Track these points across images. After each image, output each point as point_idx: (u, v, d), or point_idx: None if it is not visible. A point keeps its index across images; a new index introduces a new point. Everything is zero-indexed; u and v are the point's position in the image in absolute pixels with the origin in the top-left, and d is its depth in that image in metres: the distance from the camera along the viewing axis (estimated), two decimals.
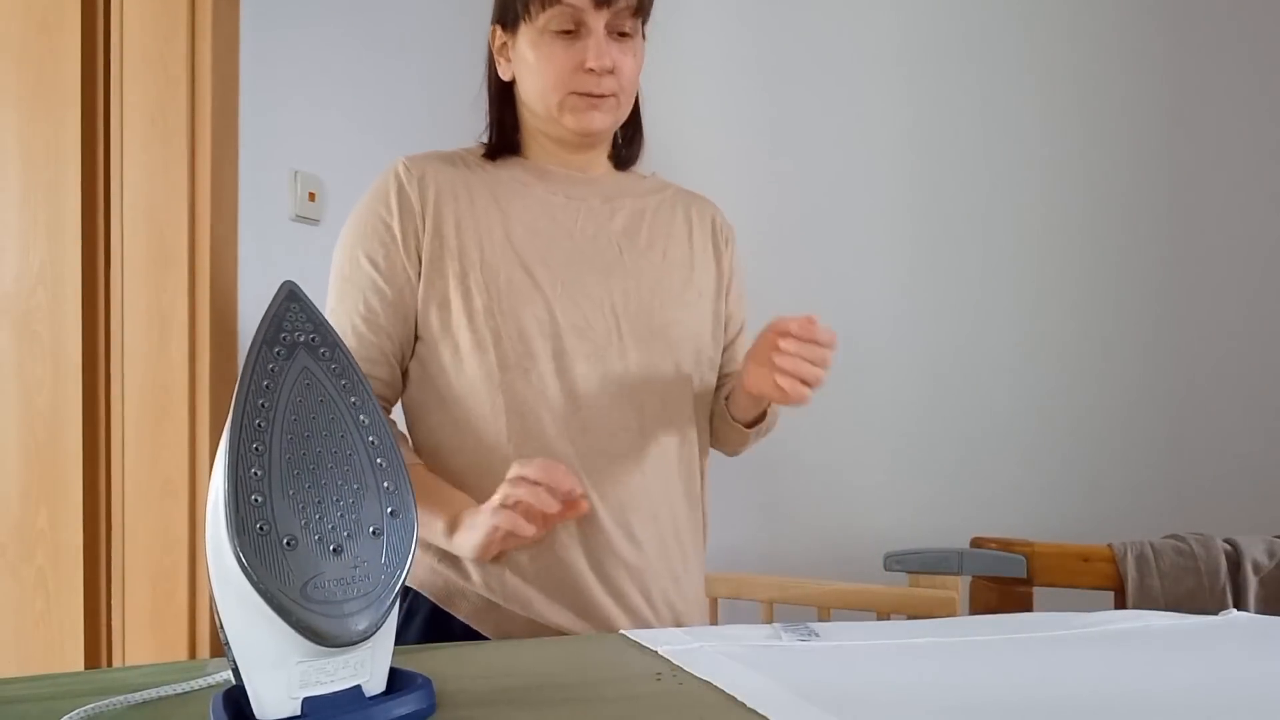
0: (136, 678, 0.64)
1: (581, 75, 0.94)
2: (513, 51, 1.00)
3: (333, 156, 1.73)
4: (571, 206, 1.01)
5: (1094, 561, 1.28)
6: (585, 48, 0.93)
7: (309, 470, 0.52)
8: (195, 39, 1.44)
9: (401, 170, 1.00)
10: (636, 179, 1.10)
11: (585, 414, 0.93)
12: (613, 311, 0.96)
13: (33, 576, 1.54)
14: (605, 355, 0.95)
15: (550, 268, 0.95)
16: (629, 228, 1.02)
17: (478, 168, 1.02)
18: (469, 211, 0.97)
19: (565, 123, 0.97)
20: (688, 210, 1.09)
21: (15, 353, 1.55)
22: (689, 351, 1.01)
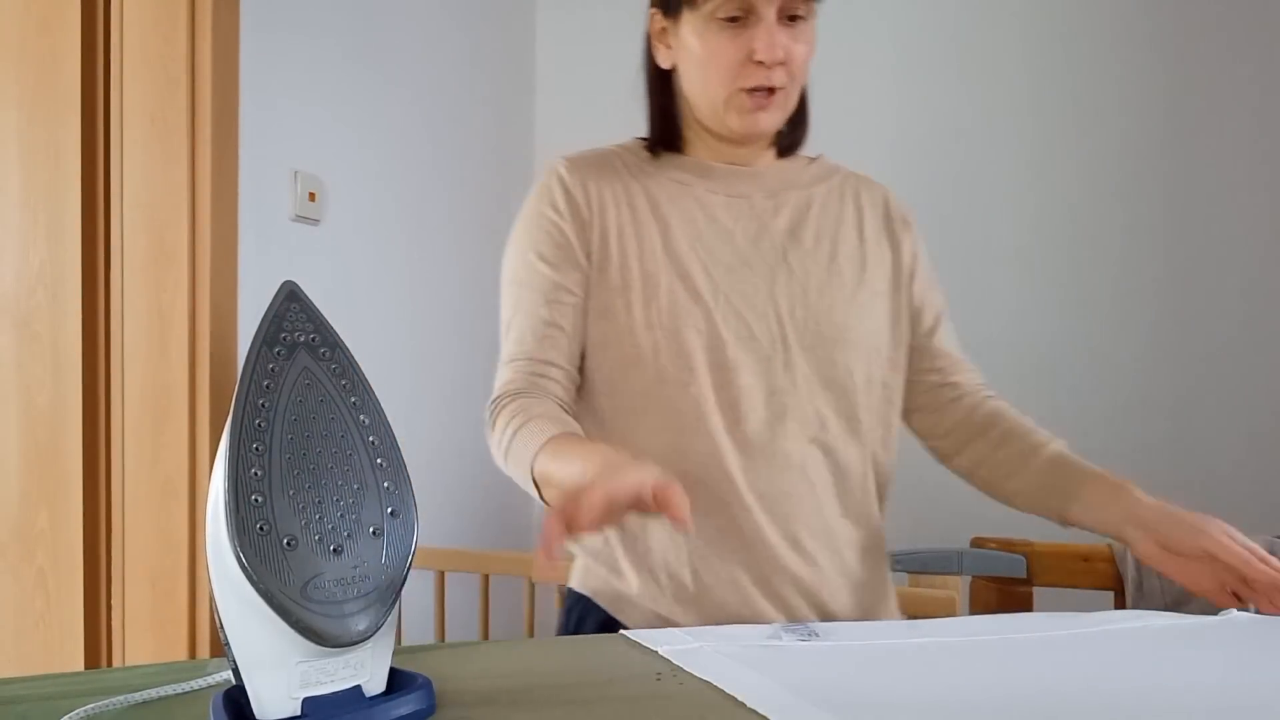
0: (137, 678, 0.64)
1: (750, 68, 0.88)
2: (674, 38, 0.94)
3: (333, 156, 1.73)
4: (733, 206, 0.96)
5: (1094, 561, 1.28)
6: (754, 37, 0.87)
7: (309, 470, 0.52)
8: (195, 39, 1.44)
9: (565, 173, 0.97)
10: (802, 166, 1.02)
11: (748, 427, 0.90)
12: (778, 319, 0.92)
13: (33, 576, 1.54)
14: (770, 366, 0.91)
15: (711, 276, 0.91)
16: (794, 225, 0.96)
17: (635, 168, 0.98)
18: (629, 220, 0.93)
19: (729, 123, 0.92)
20: (857, 197, 1.02)
21: (15, 353, 1.55)
22: (863, 356, 0.95)
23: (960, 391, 1.03)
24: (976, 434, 1.01)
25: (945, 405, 1.03)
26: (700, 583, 0.90)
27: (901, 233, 1.03)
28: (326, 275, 1.72)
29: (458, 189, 2.11)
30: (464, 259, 2.14)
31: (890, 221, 1.02)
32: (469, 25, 2.15)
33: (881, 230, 1.01)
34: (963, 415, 1.02)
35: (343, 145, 1.76)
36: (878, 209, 1.02)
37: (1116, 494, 0.91)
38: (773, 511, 0.90)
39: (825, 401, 0.92)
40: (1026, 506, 0.99)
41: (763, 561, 0.90)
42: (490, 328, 2.30)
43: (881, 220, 1.02)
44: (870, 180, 1.05)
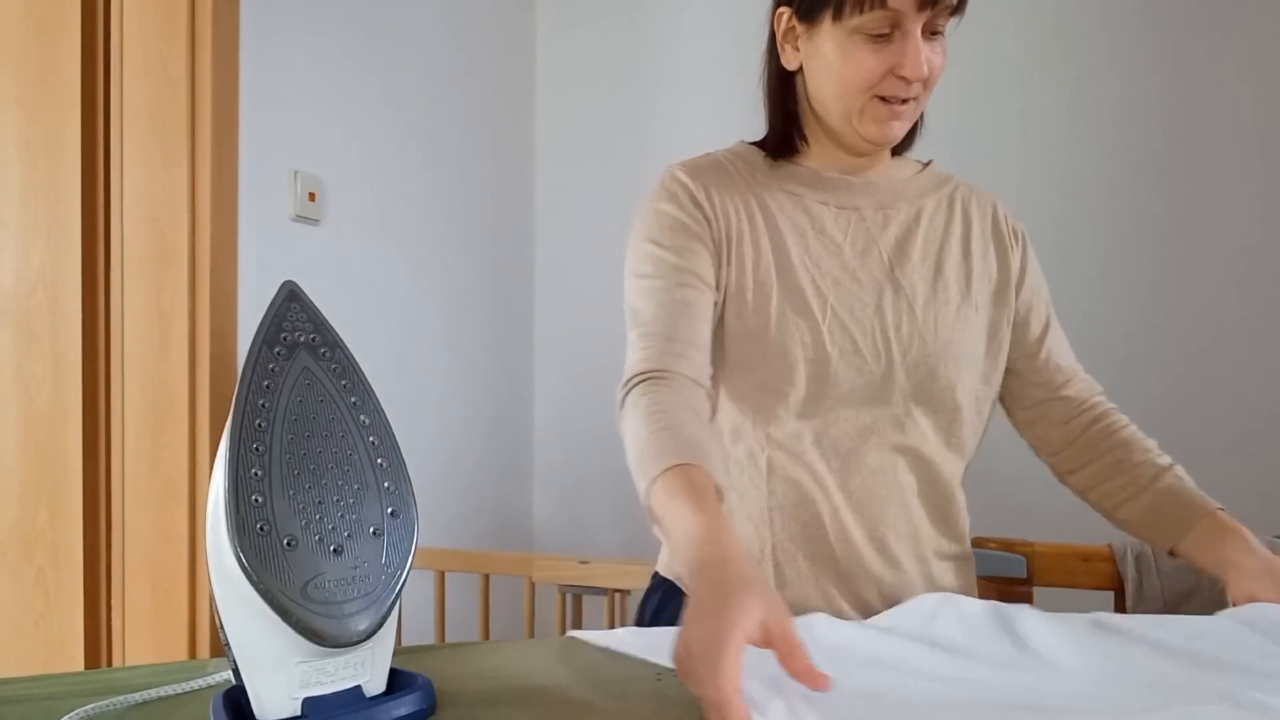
0: (137, 678, 0.64)
1: (891, 80, 0.87)
2: (804, 42, 0.92)
3: (333, 156, 1.73)
4: (843, 218, 0.96)
5: (1094, 561, 1.28)
6: (899, 52, 0.86)
7: (309, 470, 0.52)
8: (195, 39, 1.44)
9: (687, 179, 0.95)
10: (912, 173, 1.02)
11: (847, 441, 0.91)
12: (883, 335, 0.92)
13: (33, 576, 1.54)
14: (872, 380, 0.91)
15: (820, 290, 0.92)
16: (902, 238, 0.96)
17: (749, 177, 0.97)
18: (748, 229, 0.93)
19: (862, 130, 0.91)
20: (966, 209, 1.01)
21: (15, 353, 1.55)
22: (963, 373, 0.95)
23: (1070, 408, 1.04)
24: (1088, 458, 1.04)
25: (1054, 422, 1.05)
26: (781, 576, 0.91)
27: (1009, 243, 1.02)
28: (326, 275, 1.72)
29: (457, 189, 2.11)
30: (464, 259, 2.14)
31: (998, 233, 1.02)
32: (469, 25, 2.15)
33: (989, 242, 1.01)
34: (1074, 434, 1.04)
35: (343, 145, 1.76)
36: (985, 220, 1.02)
37: (1224, 538, 0.93)
38: (861, 513, 0.91)
39: (923, 415, 0.93)
40: (1135, 534, 1.02)
41: (846, 561, 0.91)
42: (491, 327, 2.31)
43: (989, 231, 1.02)
44: (980, 190, 1.05)
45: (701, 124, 2.18)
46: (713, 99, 2.17)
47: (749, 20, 2.17)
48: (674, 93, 2.24)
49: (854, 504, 0.91)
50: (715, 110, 2.17)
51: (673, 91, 2.24)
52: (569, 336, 2.38)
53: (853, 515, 0.91)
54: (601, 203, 2.33)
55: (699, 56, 2.20)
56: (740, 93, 2.18)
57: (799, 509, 0.91)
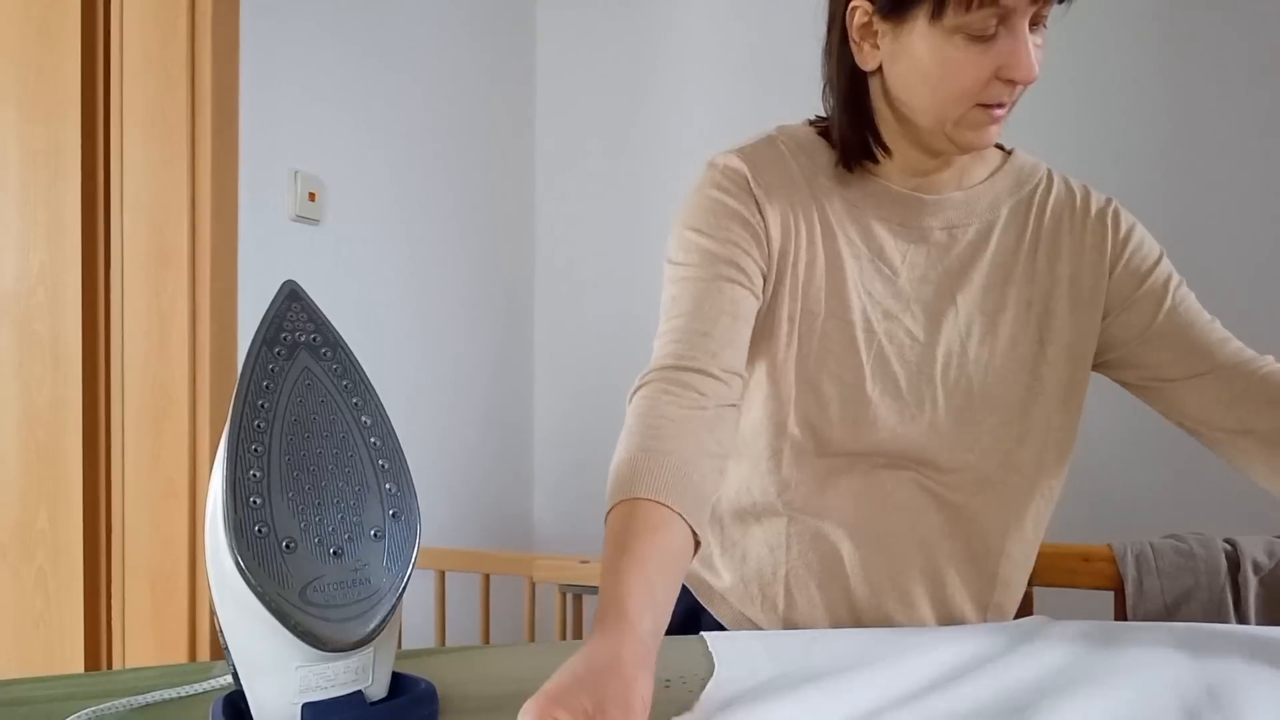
0: (140, 680, 0.64)
1: (995, 85, 0.77)
2: (888, 41, 0.80)
3: (333, 156, 1.73)
4: (904, 236, 0.86)
5: (1094, 561, 1.28)
6: (1006, 53, 0.75)
7: (309, 472, 0.52)
8: (195, 39, 1.44)
9: (744, 166, 0.84)
10: (991, 173, 0.90)
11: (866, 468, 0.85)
12: (930, 378, 0.84)
13: (33, 576, 1.54)
14: (914, 423, 0.84)
15: (869, 323, 0.84)
16: (966, 263, 0.86)
17: (812, 178, 0.86)
18: (805, 245, 0.84)
19: (957, 138, 0.80)
20: (1040, 214, 0.89)
21: (15, 353, 1.55)
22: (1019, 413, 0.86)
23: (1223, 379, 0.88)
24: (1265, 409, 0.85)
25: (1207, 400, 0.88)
26: (791, 603, 0.87)
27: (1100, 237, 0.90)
28: (326, 275, 1.72)
29: (458, 188, 2.11)
30: (464, 258, 2.14)
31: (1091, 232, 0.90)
32: (469, 25, 2.15)
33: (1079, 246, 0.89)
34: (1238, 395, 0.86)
35: (343, 145, 1.76)
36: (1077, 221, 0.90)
37: None
38: (882, 553, 0.86)
39: (965, 463, 0.85)
40: None
41: (860, 598, 0.86)
42: (491, 327, 2.31)
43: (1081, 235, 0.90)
44: (1069, 184, 0.92)
45: (703, 123, 2.17)
46: (715, 97, 2.17)
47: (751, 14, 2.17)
48: (676, 91, 2.24)
49: (876, 543, 0.86)
50: (716, 108, 2.17)
51: (674, 90, 2.24)
52: (569, 336, 2.38)
53: (873, 554, 0.86)
54: (602, 202, 2.33)
55: (701, 55, 2.19)
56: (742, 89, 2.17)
57: (818, 540, 0.86)
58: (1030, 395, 0.86)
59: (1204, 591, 1.24)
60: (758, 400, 0.86)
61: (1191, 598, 1.24)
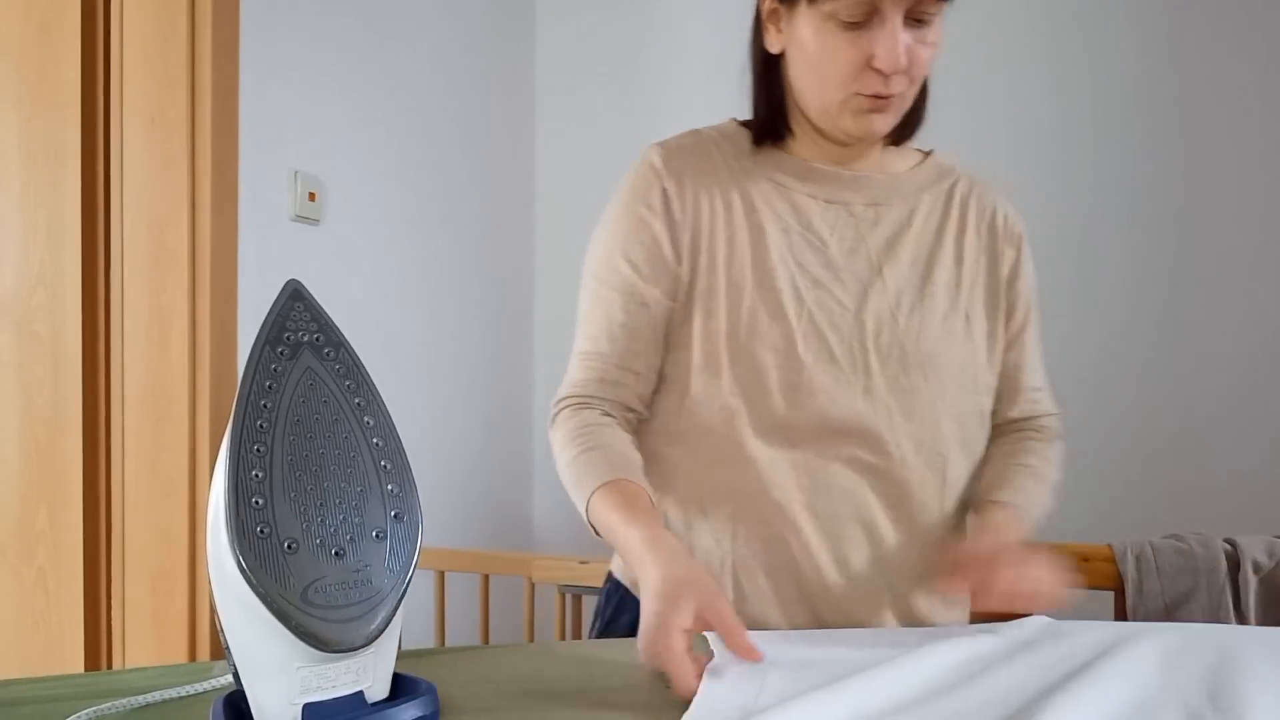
0: (140, 680, 0.64)
1: (869, 74, 0.81)
2: (786, 24, 0.85)
3: (333, 156, 1.73)
4: (830, 212, 0.90)
5: (1094, 561, 1.28)
6: (875, 41, 0.79)
7: (311, 472, 0.52)
8: (195, 39, 1.44)
9: (661, 166, 0.90)
10: (910, 165, 0.95)
11: (814, 449, 0.86)
12: (862, 344, 0.86)
13: (33, 576, 1.54)
14: (850, 390, 0.86)
15: (798, 292, 0.86)
16: (892, 238, 0.90)
17: (734, 163, 0.91)
18: (724, 222, 0.88)
19: (842, 125, 0.85)
20: (963, 209, 0.94)
21: (15, 353, 1.55)
22: (949, 387, 0.89)
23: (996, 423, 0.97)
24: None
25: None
26: (740, 591, 0.87)
27: (1004, 246, 0.95)
28: (326, 275, 1.72)
29: (457, 189, 2.11)
30: (464, 258, 2.14)
31: (994, 235, 0.95)
32: (469, 25, 2.15)
33: (982, 247, 0.94)
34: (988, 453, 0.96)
35: (343, 145, 1.76)
36: (985, 219, 0.95)
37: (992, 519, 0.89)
38: (826, 532, 0.87)
39: (904, 432, 0.87)
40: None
41: (807, 580, 0.87)
42: (491, 327, 2.31)
43: (986, 232, 0.95)
44: (985, 184, 0.97)
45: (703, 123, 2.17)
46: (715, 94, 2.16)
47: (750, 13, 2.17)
48: (676, 89, 2.24)
49: (820, 524, 0.86)
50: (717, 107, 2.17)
51: (675, 87, 2.24)
52: (569, 336, 2.37)
53: (817, 535, 0.86)
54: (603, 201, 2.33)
55: (701, 51, 2.19)
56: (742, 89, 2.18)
57: (763, 525, 0.87)
58: (958, 369, 0.90)
59: (1204, 591, 1.24)
60: (697, 384, 0.88)
61: (1191, 598, 1.24)
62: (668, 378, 0.91)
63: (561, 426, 0.90)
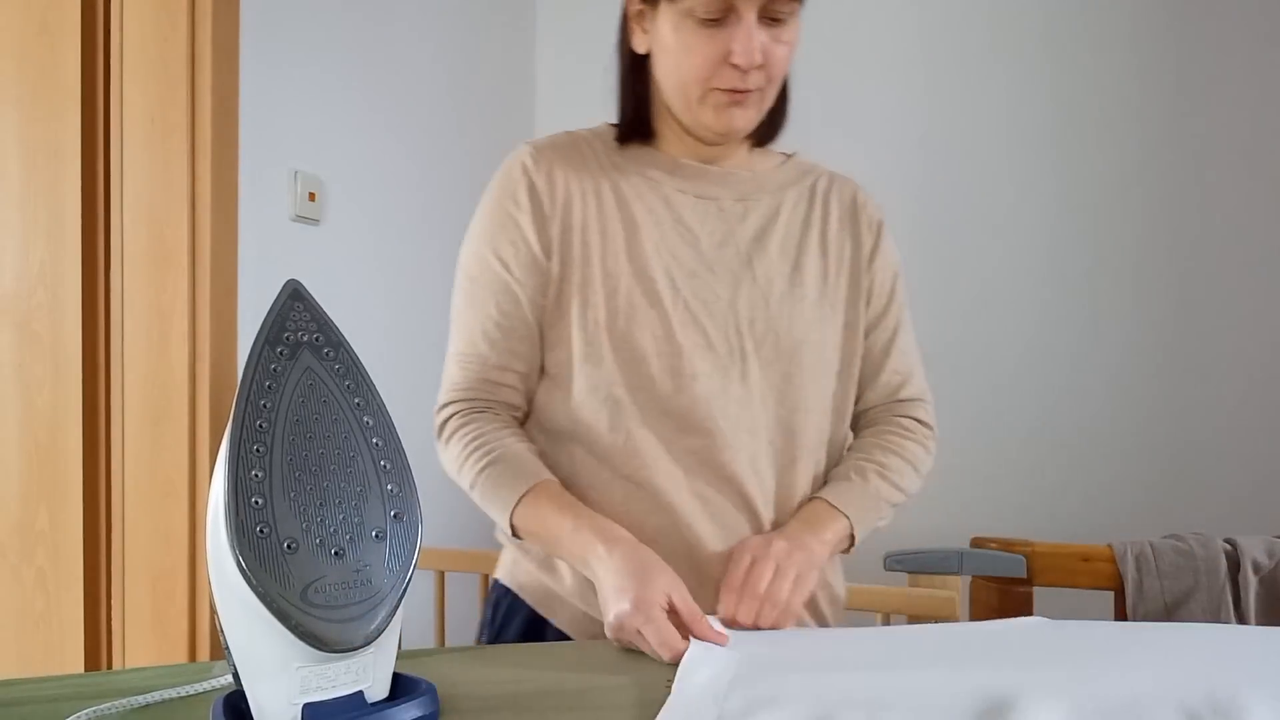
0: (140, 680, 0.64)
1: (726, 70, 0.84)
2: (650, 24, 0.89)
3: (333, 156, 1.73)
4: (700, 207, 0.93)
5: (1094, 561, 1.28)
6: (732, 38, 0.83)
7: (311, 472, 0.52)
8: (195, 39, 1.44)
9: (530, 163, 0.92)
10: (775, 165, 0.99)
11: (695, 437, 0.88)
12: (737, 331, 0.89)
13: (33, 576, 1.54)
14: (725, 377, 0.88)
15: (672, 281, 0.89)
16: (761, 232, 0.93)
17: (605, 160, 0.94)
18: (594, 215, 0.91)
19: (704, 119, 0.88)
20: (826, 200, 0.98)
21: (15, 353, 1.55)
22: (821, 373, 0.93)
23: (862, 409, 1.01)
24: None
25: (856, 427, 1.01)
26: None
27: (864, 233, 0.99)
28: (326, 275, 1.72)
29: (457, 189, 2.11)
30: None
31: (855, 220, 0.99)
32: (469, 25, 2.15)
33: (845, 230, 0.98)
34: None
35: (343, 145, 1.76)
36: (845, 209, 0.99)
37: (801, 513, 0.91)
38: (715, 520, 0.88)
39: (776, 417, 0.91)
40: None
41: (703, 567, 0.88)
42: None
43: (848, 221, 0.99)
44: (844, 179, 1.02)
45: None
46: None
47: None
48: None
49: (707, 509, 0.88)
50: None
51: None
52: None
53: (708, 523, 0.88)
54: None
55: None
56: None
57: (652, 514, 0.88)
58: (829, 356, 0.94)
59: (1204, 591, 1.24)
60: (580, 378, 0.89)
61: (1191, 598, 1.24)
62: (551, 377, 0.92)
63: (453, 439, 0.91)
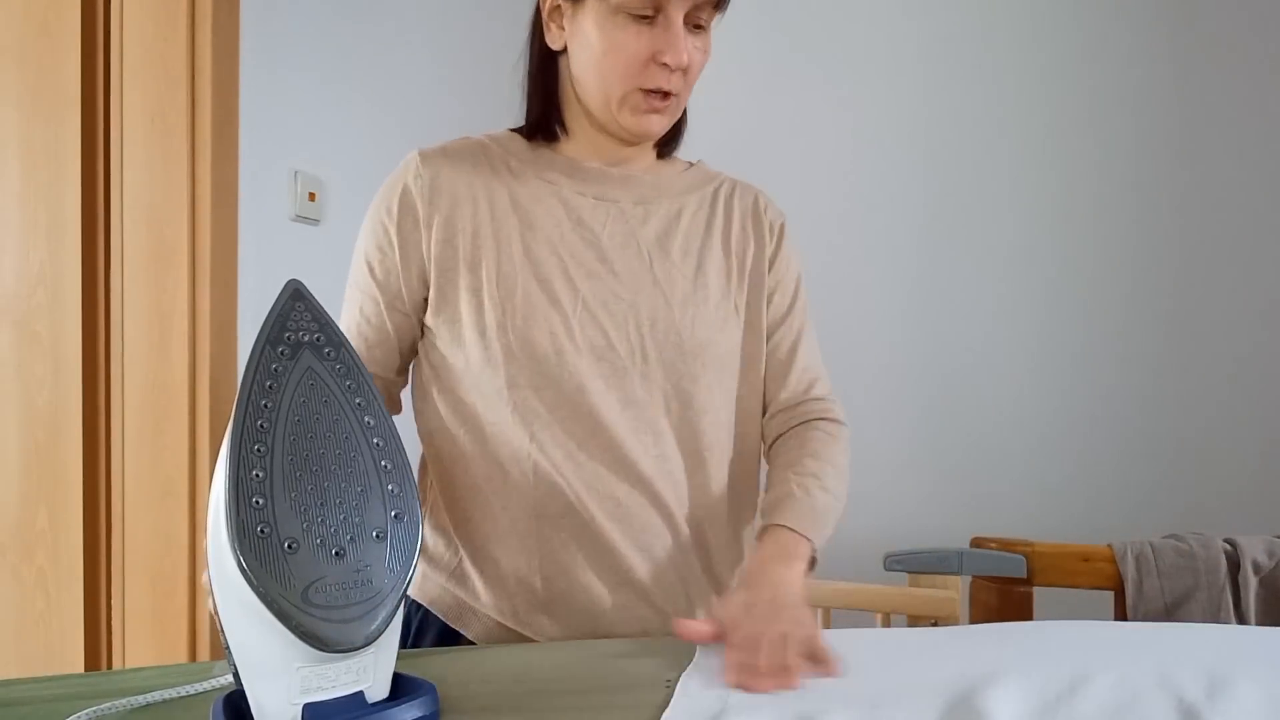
0: (140, 680, 0.64)
1: (653, 69, 0.85)
2: (569, 21, 0.89)
3: (333, 156, 1.73)
4: (601, 209, 0.92)
5: (1094, 561, 1.28)
6: (661, 39, 0.84)
7: (311, 472, 0.52)
8: (195, 39, 1.44)
9: (411, 171, 0.92)
10: (677, 172, 0.99)
11: (602, 438, 0.87)
12: (638, 331, 0.88)
13: (33, 576, 1.54)
14: (627, 378, 0.87)
15: (571, 281, 0.88)
16: (662, 234, 0.93)
17: (501, 163, 0.93)
18: (487, 218, 0.89)
19: (621, 120, 0.88)
20: (728, 206, 0.98)
21: (15, 353, 1.55)
22: (725, 374, 0.93)
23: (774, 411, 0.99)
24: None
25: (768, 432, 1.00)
26: (552, 589, 0.87)
27: (766, 236, 0.99)
28: (326, 275, 1.71)
29: None
30: None
31: (757, 223, 0.99)
32: (469, 26, 2.14)
33: (748, 234, 0.98)
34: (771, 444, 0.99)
35: (343, 145, 1.76)
36: (746, 214, 0.99)
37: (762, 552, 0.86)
38: (623, 522, 0.88)
39: (680, 418, 0.90)
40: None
41: (614, 570, 0.88)
42: None
43: (751, 225, 0.99)
44: (746, 185, 1.02)
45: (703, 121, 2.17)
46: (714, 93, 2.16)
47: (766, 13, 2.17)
48: None
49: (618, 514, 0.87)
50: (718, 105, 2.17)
51: None
52: None
53: (615, 525, 0.87)
54: None
55: None
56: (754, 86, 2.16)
57: (565, 519, 0.87)
58: (732, 357, 0.94)
59: (1204, 591, 1.24)
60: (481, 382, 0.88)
61: (1191, 598, 1.24)
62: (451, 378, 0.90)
63: None
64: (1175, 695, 0.58)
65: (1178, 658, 0.66)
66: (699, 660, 0.66)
